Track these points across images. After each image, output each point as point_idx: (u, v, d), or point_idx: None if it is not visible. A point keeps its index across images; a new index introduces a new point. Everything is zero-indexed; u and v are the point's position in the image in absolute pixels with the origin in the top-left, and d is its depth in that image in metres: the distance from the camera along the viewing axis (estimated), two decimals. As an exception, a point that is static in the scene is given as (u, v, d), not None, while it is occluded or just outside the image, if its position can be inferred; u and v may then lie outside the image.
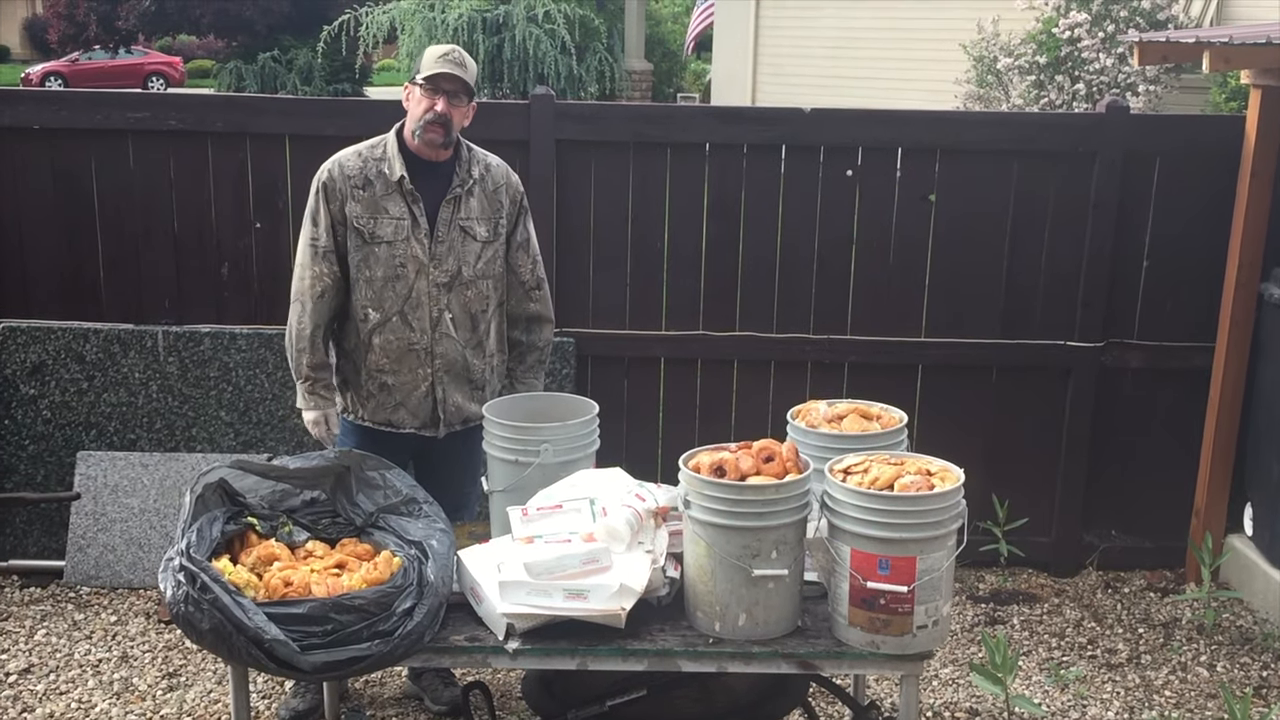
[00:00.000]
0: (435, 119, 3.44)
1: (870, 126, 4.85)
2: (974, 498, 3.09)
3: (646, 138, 4.79)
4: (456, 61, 3.46)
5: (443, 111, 3.44)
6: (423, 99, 3.46)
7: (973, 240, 4.86)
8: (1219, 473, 4.86)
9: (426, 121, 3.45)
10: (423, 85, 3.46)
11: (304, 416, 3.66)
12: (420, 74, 3.47)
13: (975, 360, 4.92)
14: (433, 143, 3.47)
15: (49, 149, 4.74)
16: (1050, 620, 4.63)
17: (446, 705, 3.83)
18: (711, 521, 2.84)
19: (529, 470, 3.26)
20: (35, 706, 3.87)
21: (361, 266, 3.51)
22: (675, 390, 5.01)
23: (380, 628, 2.80)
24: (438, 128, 3.45)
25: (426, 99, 3.45)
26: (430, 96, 3.45)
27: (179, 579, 2.77)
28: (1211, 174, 4.77)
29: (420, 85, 3.46)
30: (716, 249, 4.88)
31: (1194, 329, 4.88)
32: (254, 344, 4.75)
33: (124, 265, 4.83)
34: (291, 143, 4.77)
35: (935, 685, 4.13)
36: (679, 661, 2.90)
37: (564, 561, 2.85)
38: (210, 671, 4.08)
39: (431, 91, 3.45)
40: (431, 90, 3.45)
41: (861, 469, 2.92)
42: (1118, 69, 8.73)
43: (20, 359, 4.73)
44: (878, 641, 2.84)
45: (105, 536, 4.67)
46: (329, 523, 3.24)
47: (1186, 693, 4.13)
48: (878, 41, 12.58)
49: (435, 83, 3.44)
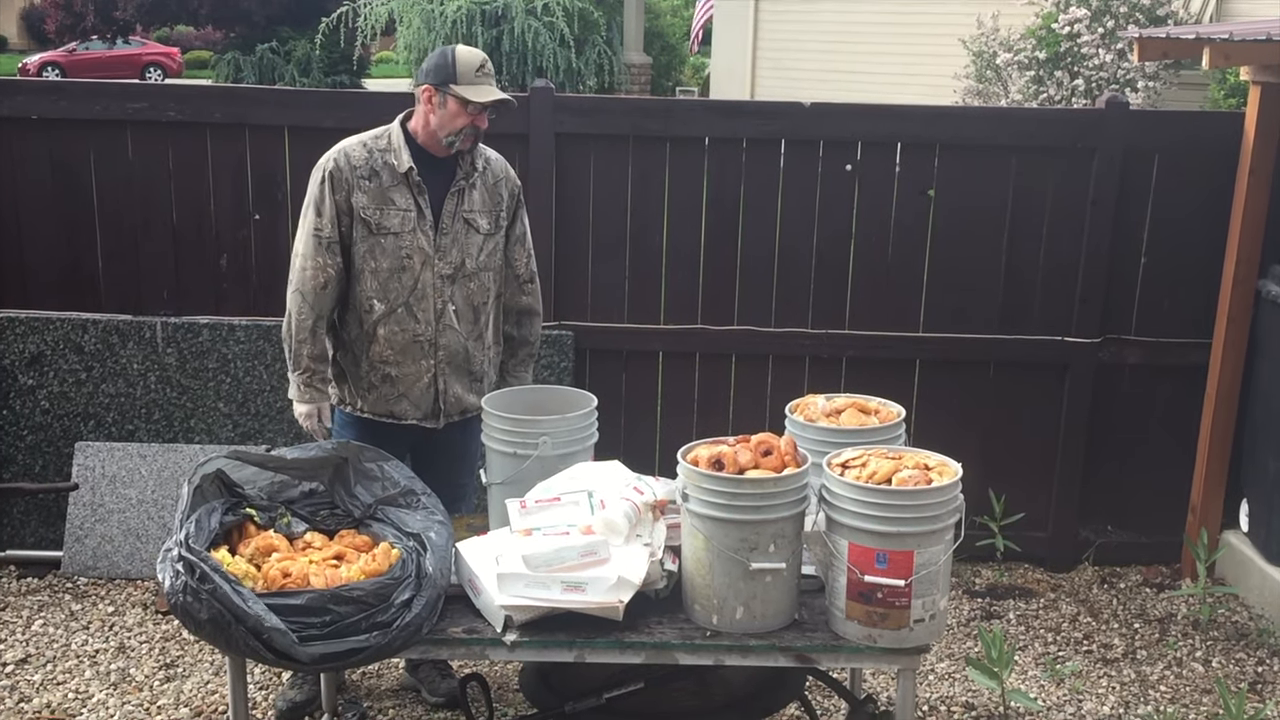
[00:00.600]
0: (475, 134, 3.50)
1: (870, 121, 4.85)
2: (971, 493, 3.09)
3: (646, 131, 4.79)
4: (492, 75, 3.51)
5: (484, 129, 3.51)
6: (462, 113, 3.46)
7: (971, 235, 4.86)
8: (1215, 469, 4.87)
9: (465, 134, 3.49)
10: (468, 105, 3.44)
11: (296, 410, 3.64)
12: (461, 88, 3.43)
13: (973, 355, 4.93)
14: (464, 150, 3.53)
15: (47, 139, 4.73)
16: (1046, 615, 4.64)
17: (444, 697, 3.83)
18: (709, 515, 2.84)
19: (528, 463, 3.26)
20: (32, 696, 3.88)
21: (367, 258, 3.51)
22: (673, 384, 5.02)
23: (378, 619, 2.80)
24: (472, 139, 3.52)
25: (469, 116, 3.46)
26: (475, 116, 3.47)
27: (177, 569, 2.77)
28: (1210, 170, 4.77)
29: (464, 102, 3.44)
30: (715, 243, 4.88)
31: (1191, 325, 4.89)
32: (252, 335, 4.75)
33: (123, 256, 4.83)
34: (290, 134, 4.76)
35: (931, 679, 4.15)
36: (676, 654, 2.90)
37: (562, 554, 2.86)
38: (208, 662, 4.08)
39: (478, 112, 3.47)
40: (478, 111, 3.47)
41: (859, 463, 2.93)
42: (1117, 65, 8.72)
43: (19, 349, 4.73)
44: (875, 635, 2.84)
45: (103, 527, 4.67)
46: (327, 514, 3.24)
47: (1181, 688, 4.14)
48: (877, 36, 12.57)
49: (484, 107, 3.47)
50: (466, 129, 3.47)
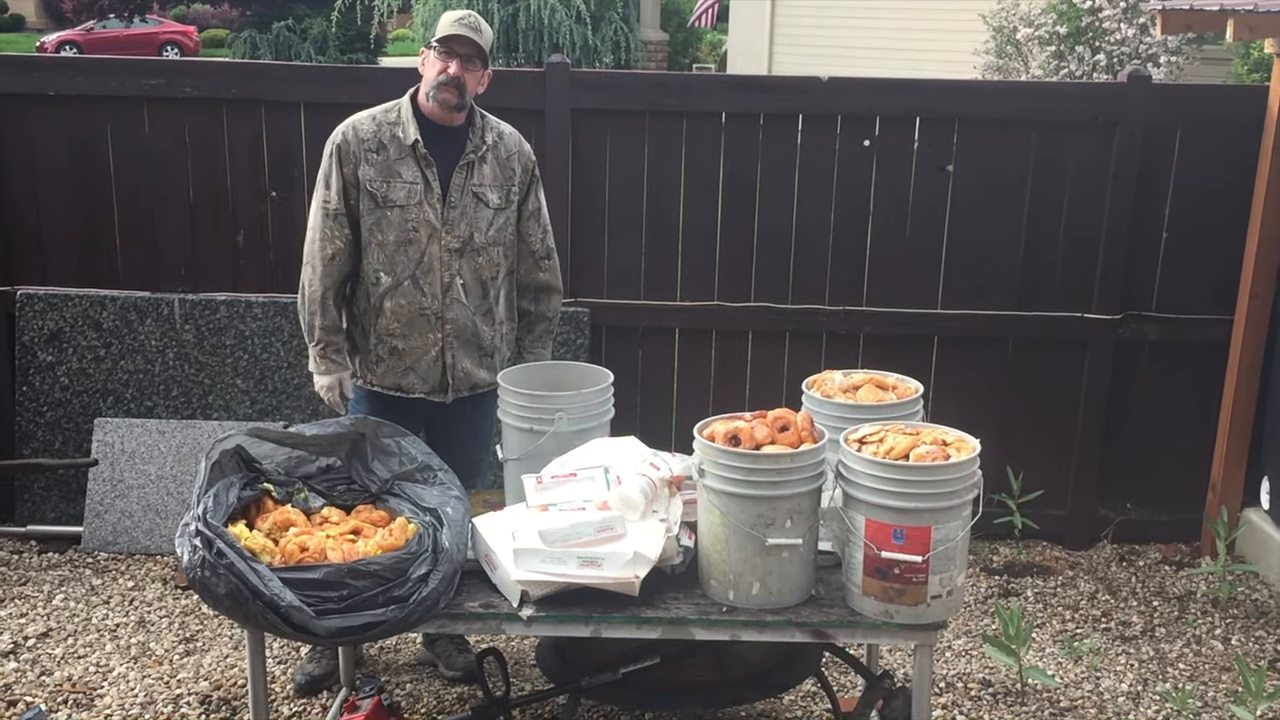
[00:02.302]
0: (448, 81, 3.45)
1: (888, 95, 4.81)
2: (989, 470, 3.07)
3: (662, 107, 4.76)
4: (471, 26, 3.47)
5: (455, 74, 3.45)
6: (437, 61, 3.47)
7: (990, 211, 4.83)
8: (1236, 446, 4.84)
9: (440, 83, 3.46)
10: (437, 48, 3.46)
11: (316, 382, 3.66)
12: (435, 37, 3.47)
13: (992, 332, 4.90)
14: (446, 104, 3.48)
15: (64, 116, 4.74)
16: (1064, 593, 4.62)
17: (461, 671, 3.85)
18: (726, 490, 2.83)
19: (544, 439, 3.26)
20: (53, 670, 3.91)
21: (374, 230, 3.51)
22: (690, 360, 5.00)
23: (395, 593, 2.80)
24: (451, 90, 3.46)
25: (440, 61, 3.46)
26: (444, 59, 3.45)
27: (195, 544, 2.78)
28: (1233, 145, 4.71)
29: (435, 48, 3.47)
30: (732, 219, 4.86)
31: (1213, 302, 4.84)
32: (270, 312, 4.76)
33: (140, 233, 4.84)
34: (306, 110, 4.76)
35: (949, 656, 4.14)
36: (693, 630, 2.90)
37: (578, 529, 2.85)
38: (227, 636, 4.11)
39: (446, 54, 3.46)
40: (446, 53, 3.46)
41: (877, 439, 2.91)
42: (1139, 39, 8.65)
43: (38, 326, 4.75)
44: (891, 611, 2.83)
45: (123, 503, 4.70)
46: (344, 489, 3.25)
47: (1200, 666, 4.12)
48: (896, 11, 12.48)
49: (449, 45, 3.45)
50: (442, 78, 3.45)
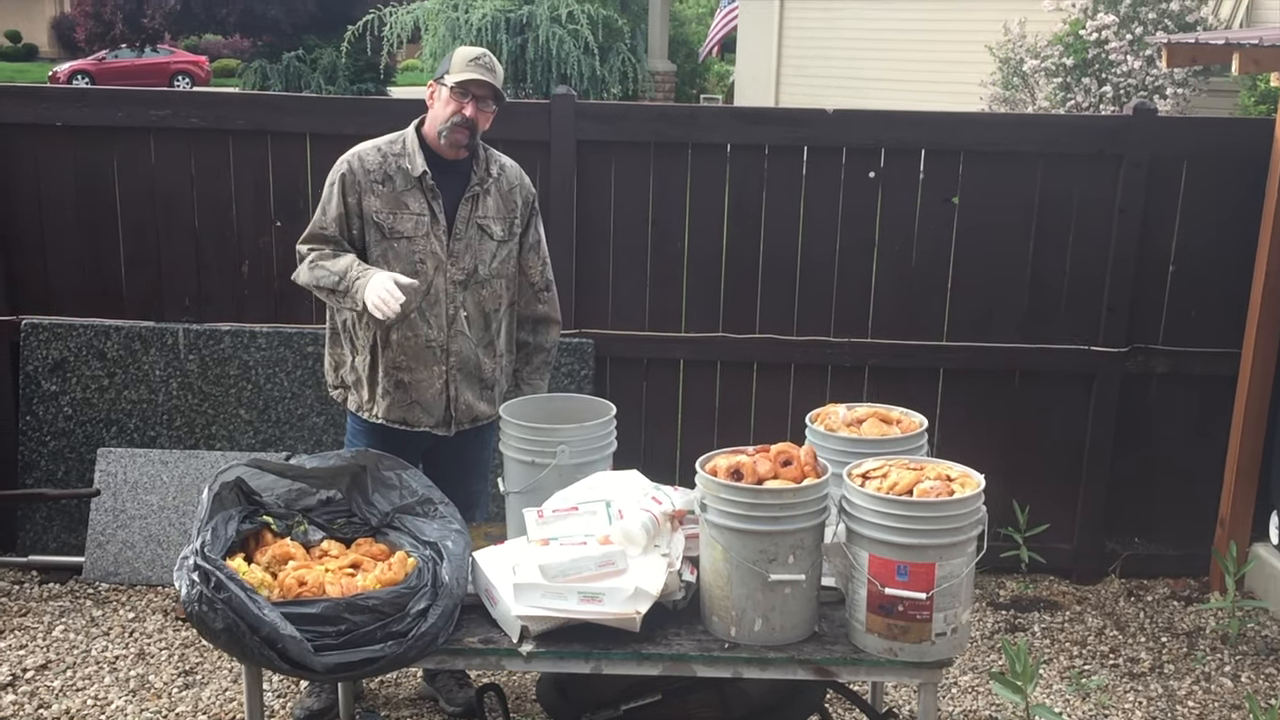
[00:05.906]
0: (463, 122, 3.46)
1: (893, 128, 4.81)
2: (995, 503, 3.04)
3: (668, 138, 4.77)
4: (487, 67, 3.48)
5: (471, 116, 3.46)
6: (451, 101, 3.47)
7: (996, 243, 4.81)
8: (1244, 480, 4.80)
9: (454, 124, 3.46)
10: (453, 88, 3.46)
11: (367, 299, 3.31)
12: (450, 76, 3.47)
13: (997, 365, 4.88)
14: (456, 144, 3.49)
15: (71, 146, 4.76)
16: (1072, 628, 4.58)
17: (461, 707, 3.82)
18: (728, 525, 2.81)
19: (545, 471, 3.24)
20: (51, 703, 3.88)
21: (380, 262, 3.50)
22: (694, 392, 4.99)
23: (394, 628, 2.78)
24: (464, 130, 3.47)
25: (455, 102, 3.46)
26: (459, 100, 3.46)
27: (193, 578, 2.76)
28: (1240, 178, 4.71)
29: (450, 88, 3.46)
30: (737, 250, 4.85)
31: (1220, 335, 4.82)
32: (274, 342, 4.76)
33: (145, 263, 4.85)
34: (313, 141, 4.77)
35: (954, 693, 4.10)
36: (694, 666, 2.87)
37: (579, 564, 2.83)
38: (226, 669, 4.08)
39: (461, 95, 3.46)
40: (461, 94, 3.46)
41: (880, 474, 2.89)
42: (1145, 71, 8.66)
43: (42, 355, 4.75)
44: (895, 648, 2.80)
45: (124, 533, 4.68)
46: (344, 522, 3.23)
47: (1210, 703, 4.08)
48: (903, 42, 12.52)
49: (466, 88, 3.46)
50: (456, 118, 3.45)
